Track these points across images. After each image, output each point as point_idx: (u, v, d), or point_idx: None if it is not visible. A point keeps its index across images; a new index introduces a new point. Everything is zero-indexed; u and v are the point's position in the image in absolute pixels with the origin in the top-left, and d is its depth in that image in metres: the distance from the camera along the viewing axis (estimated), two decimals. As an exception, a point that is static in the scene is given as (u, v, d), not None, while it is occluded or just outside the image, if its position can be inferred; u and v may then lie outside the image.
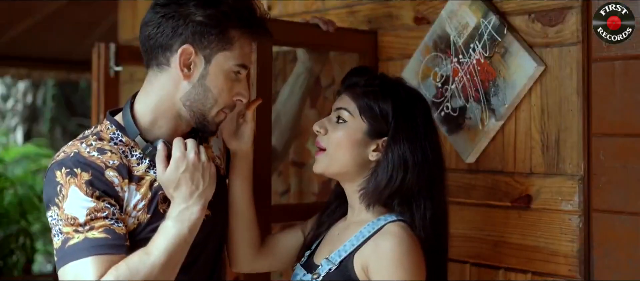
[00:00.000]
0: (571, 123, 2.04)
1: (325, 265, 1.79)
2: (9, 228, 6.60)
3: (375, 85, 1.84)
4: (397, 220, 1.77)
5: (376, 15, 2.55)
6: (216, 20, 1.70)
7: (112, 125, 1.78)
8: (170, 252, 1.65)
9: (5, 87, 10.76)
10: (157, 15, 1.72)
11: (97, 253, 1.61)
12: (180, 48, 1.70)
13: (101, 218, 1.64)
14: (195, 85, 1.74)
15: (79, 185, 1.65)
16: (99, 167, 1.68)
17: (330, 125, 1.85)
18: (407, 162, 1.77)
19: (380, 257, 1.71)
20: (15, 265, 6.48)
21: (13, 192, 6.93)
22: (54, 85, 10.42)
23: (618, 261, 1.97)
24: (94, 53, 2.85)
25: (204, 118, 1.77)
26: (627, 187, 1.95)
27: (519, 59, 2.10)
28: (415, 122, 1.81)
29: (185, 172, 1.71)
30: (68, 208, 1.64)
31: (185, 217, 1.70)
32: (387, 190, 1.78)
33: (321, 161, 1.86)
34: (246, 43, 1.76)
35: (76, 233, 1.62)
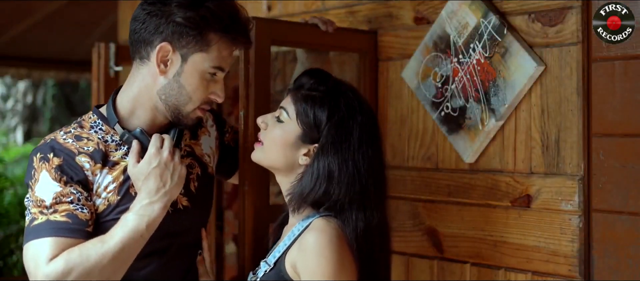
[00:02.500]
0: (571, 123, 2.04)
1: (263, 266, 1.84)
2: (9, 228, 6.60)
3: (319, 91, 1.85)
4: (321, 215, 1.79)
5: (376, 15, 2.55)
6: (195, 22, 1.80)
7: (94, 115, 1.91)
8: (123, 243, 1.75)
9: (5, 87, 10.77)
10: (143, 12, 1.84)
11: (56, 235, 1.74)
12: (159, 45, 1.81)
13: (66, 203, 1.77)
14: (170, 81, 1.85)
15: (49, 170, 1.79)
16: (71, 153, 1.82)
17: (271, 121, 1.90)
18: (332, 173, 1.79)
19: (304, 252, 1.73)
20: (15, 265, 6.48)
21: (13, 192, 6.93)
22: (54, 85, 10.43)
23: (618, 261, 1.97)
24: (94, 53, 2.85)
25: (179, 113, 1.88)
26: (627, 187, 1.95)
27: (519, 59, 2.10)
28: (350, 135, 1.81)
29: (156, 168, 1.81)
30: (38, 191, 1.78)
31: (145, 212, 1.79)
32: (310, 198, 1.80)
33: (257, 152, 1.92)
34: (224, 47, 1.85)
35: (41, 214, 1.76)
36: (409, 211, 2.47)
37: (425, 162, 2.41)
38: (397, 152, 2.50)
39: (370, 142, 1.84)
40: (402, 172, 2.48)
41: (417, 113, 2.44)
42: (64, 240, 1.74)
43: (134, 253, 1.78)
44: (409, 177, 2.46)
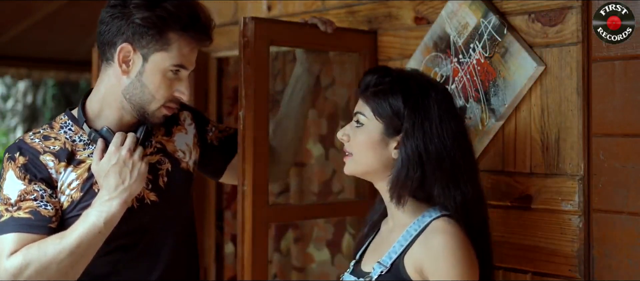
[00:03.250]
0: (571, 123, 2.04)
1: (377, 268, 1.80)
2: (9, 228, 6.60)
3: (386, 82, 1.85)
4: (441, 216, 1.79)
5: (376, 15, 2.55)
6: (152, 22, 1.85)
7: (65, 116, 1.98)
8: (81, 239, 1.80)
9: (5, 87, 10.76)
10: (106, 15, 1.91)
11: (18, 230, 1.81)
12: (120, 46, 1.87)
13: (30, 200, 1.83)
14: (133, 81, 1.90)
15: (14, 169, 1.86)
16: (36, 152, 1.88)
17: (351, 130, 1.88)
18: (420, 155, 1.78)
19: (434, 256, 1.72)
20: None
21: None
22: (54, 85, 10.42)
23: (618, 261, 1.97)
24: (94, 53, 2.86)
25: (144, 111, 1.93)
26: (627, 187, 1.95)
27: (519, 59, 2.10)
28: (428, 113, 1.81)
29: (115, 165, 1.86)
30: (5, 189, 1.86)
31: (104, 208, 1.84)
32: (409, 185, 1.79)
33: (349, 164, 1.89)
34: (184, 45, 1.89)
35: (6, 211, 1.83)
36: (409, 212, 2.46)
37: (425, 162, 2.40)
38: (397, 152, 2.50)
39: (450, 115, 1.84)
40: (402, 172, 2.48)
41: (417, 113, 2.43)
42: (26, 235, 1.80)
43: (92, 249, 1.83)
44: (409, 177, 2.45)
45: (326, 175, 3.05)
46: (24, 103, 10.95)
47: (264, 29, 2.19)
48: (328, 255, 3.06)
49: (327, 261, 3.07)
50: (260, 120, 2.19)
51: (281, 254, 3.23)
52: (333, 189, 3.02)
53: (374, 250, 1.91)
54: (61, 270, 1.78)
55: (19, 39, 5.81)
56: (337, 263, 3.02)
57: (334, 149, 2.98)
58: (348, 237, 2.97)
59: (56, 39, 6.01)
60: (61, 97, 10.78)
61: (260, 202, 2.21)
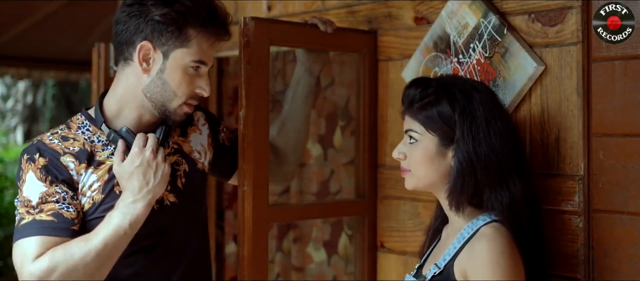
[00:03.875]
0: (571, 123, 2.04)
1: (433, 269, 1.83)
2: (9, 228, 6.60)
3: (430, 93, 1.87)
4: (490, 221, 1.80)
5: (376, 15, 2.55)
6: (172, 19, 1.84)
7: (82, 116, 1.95)
8: (107, 241, 1.78)
9: (5, 87, 10.76)
10: (123, 14, 1.89)
11: (41, 233, 1.78)
12: (140, 44, 1.85)
13: (51, 202, 1.81)
14: (154, 79, 1.88)
15: (35, 170, 1.83)
16: (56, 153, 1.85)
17: (406, 148, 1.90)
18: (472, 160, 1.80)
19: (476, 260, 1.74)
20: (16, 265, 6.48)
21: (13, 192, 6.93)
22: (54, 85, 10.43)
23: (618, 261, 1.97)
24: (94, 53, 2.85)
25: (166, 109, 1.91)
26: (627, 187, 1.95)
27: (519, 59, 2.10)
28: (475, 116, 1.83)
29: (139, 167, 1.84)
30: (25, 191, 1.83)
31: (128, 210, 1.82)
32: (466, 191, 1.81)
33: (409, 180, 1.92)
34: (204, 41, 1.89)
35: (28, 214, 1.81)
36: (409, 211, 2.47)
37: (425, 162, 2.40)
38: (397, 152, 2.50)
39: (496, 115, 1.86)
40: (402, 172, 2.48)
41: (417, 113, 2.44)
42: (50, 238, 1.78)
43: (117, 251, 1.81)
44: (409, 177, 2.46)
45: (324, 176, 3.05)
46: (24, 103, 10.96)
47: (264, 29, 2.19)
48: (325, 256, 3.06)
49: (324, 261, 3.07)
50: (260, 120, 2.19)
51: (283, 254, 3.23)
52: (331, 189, 3.03)
53: (434, 254, 1.94)
54: (88, 272, 1.76)
55: (19, 39, 5.82)
56: (333, 264, 3.02)
57: (332, 149, 2.98)
58: (345, 238, 2.97)
59: (56, 39, 6.01)
60: (61, 97, 10.78)
61: (261, 202, 2.21)
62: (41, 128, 10.77)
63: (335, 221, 3.00)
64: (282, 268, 3.22)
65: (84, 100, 10.25)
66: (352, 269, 2.88)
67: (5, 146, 9.39)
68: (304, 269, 3.14)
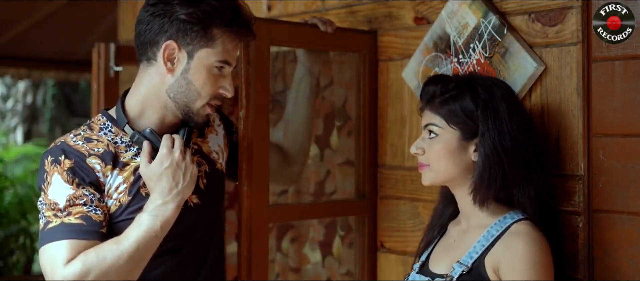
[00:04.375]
0: (571, 123, 2.04)
1: (458, 268, 1.81)
2: (9, 228, 6.61)
3: (452, 88, 1.88)
4: (522, 219, 1.81)
5: (376, 15, 2.55)
6: (197, 18, 1.82)
7: (103, 117, 1.92)
8: (139, 244, 1.76)
9: (5, 87, 10.76)
10: (146, 14, 1.85)
11: (71, 237, 1.75)
12: (165, 43, 1.83)
13: (79, 205, 1.78)
14: (178, 79, 1.86)
15: (61, 173, 1.79)
16: (82, 155, 1.82)
17: (425, 143, 1.90)
18: (498, 153, 1.81)
19: (513, 257, 1.74)
20: (15, 265, 6.48)
21: (13, 192, 6.93)
22: (54, 85, 10.43)
23: (618, 261, 1.97)
24: (94, 53, 2.85)
25: (189, 110, 1.89)
26: (627, 187, 1.95)
27: (519, 59, 2.10)
28: (498, 110, 1.84)
29: (168, 169, 1.82)
30: (51, 194, 1.79)
31: (159, 212, 1.80)
32: (493, 185, 1.82)
33: (427, 175, 1.91)
34: (228, 41, 1.87)
35: (55, 217, 1.77)
36: (409, 211, 2.47)
37: (425, 162, 2.40)
38: (397, 152, 2.50)
39: (516, 109, 1.89)
40: (402, 172, 2.48)
41: (417, 113, 2.43)
42: (79, 242, 1.74)
43: (149, 253, 1.80)
44: (409, 177, 2.46)
45: (320, 176, 3.05)
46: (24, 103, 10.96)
47: (264, 29, 2.19)
48: (320, 257, 3.06)
49: (319, 262, 3.07)
50: (260, 120, 2.19)
51: (283, 254, 3.23)
52: (326, 190, 3.02)
53: (443, 251, 1.93)
54: (120, 275, 1.75)
55: (19, 39, 5.82)
56: (327, 265, 3.02)
57: (329, 150, 2.98)
58: (338, 239, 2.97)
59: (56, 39, 6.01)
60: (61, 97, 10.78)
61: (261, 202, 2.21)
62: (41, 128, 10.77)
63: (329, 222, 3.00)
64: (281, 268, 3.22)
65: (84, 100, 10.25)
66: (345, 270, 2.88)
67: (5, 146, 9.39)
68: (300, 270, 3.13)
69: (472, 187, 1.84)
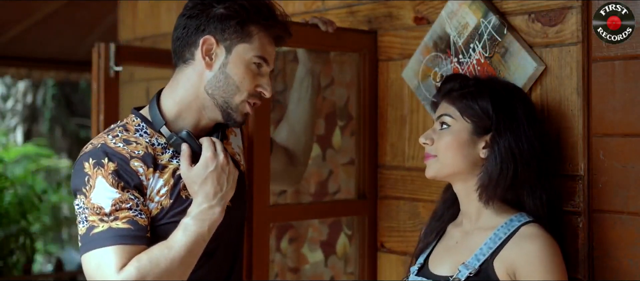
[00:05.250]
0: (571, 123, 2.04)
1: (464, 270, 1.81)
2: (9, 228, 6.60)
3: (471, 85, 1.90)
4: (529, 221, 1.82)
5: (376, 15, 2.55)
6: (234, 11, 1.82)
7: (137, 118, 1.89)
8: (189, 249, 1.75)
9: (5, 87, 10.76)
10: (183, 18, 1.86)
11: (120, 242, 1.71)
12: (202, 38, 1.83)
13: (125, 209, 1.74)
14: (216, 73, 1.85)
15: (105, 176, 1.75)
16: (125, 157, 1.78)
17: (435, 134, 1.90)
18: (513, 152, 1.82)
19: (531, 261, 1.75)
20: (15, 265, 6.48)
21: (13, 192, 6.93)
22: (54, 85, 10.42)
23: (618, 261, 1.97)
24: (94, 53, 2.85)
25: (228, 107, 1.87)
26: (627, 187, 1.95)
27: (519, 59, 2.10)
28: (516, 114, 1.86)
29: (214, 172, 1.80)
30: (95, 198, 1.74)
31: (206, 216, 1.79)
32: (502, 183, 1.82)
33: (432, 165, 1.91)
34: (265, 39, 1.87)
35: (101, 222, 1.72)
36: (409, 211, 2.47)
37: (425, 162, 2.40)
38: (397, 152, 2.50)
39: (535, 117, 1.90)
40: (402, 172, 2.48)
41: (417, 113, 2.44)
42: (129, 247, 1.71)
43: (197, 257, 1.78)
44: (409, 177, 2.46)
45: (322, 176, 3.05)
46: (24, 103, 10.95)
47: (264, 29, 2.19)
48: (322, 256, 3.06)
49: (321, 262, 3.06)
50: (260, 120, 2.19)
51: (282, 254, 3.23)
52: (329, 190, 3.02)
53: (444, 253, 1.93)
54: (174, 278, 1.74)
55: (19, 39, 5.81)
56: (330, 265, 3.02)
57: (331, 150, 2.98)
58: (344, 238, 2.97)
59: (56, 39, 6.01)
60: (61, 97, 10.78)
61: (261, 202, 2.21)
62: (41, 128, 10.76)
63: (332, 221, 3.00)
64: (281, 268, 3.22)
65: (84, 100, 10.24)
66: (350, 269, 2.87)
67: (5, 146, 9.38)
68: (299, 270, 3.13)
69: (480, 183, 1.85)
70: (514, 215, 1.85)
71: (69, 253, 8.53)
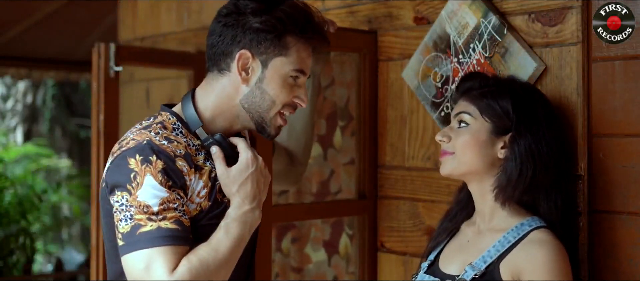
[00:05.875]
0: (571, 123, 2.04)
1: (470, 270, 1.81)
2: (9, 228, 6.60)
3: (491, 84, 1.89)
4: (541, 226, 1.81)
5: (376, 15, 2.55)
6: (271, 26, 1.78)
7: (173, 116, 1.85)
8: (232, 251, 1.73)
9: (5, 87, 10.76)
10: (219, 25, 1.82)
11: (169, 243, 1.67)
12: (238, 53, 1.79)
13: (172, 209, 1.70)
14: (253, 88, 1.82)
15: (154, 174, 1.70)
16: (170, 156, 1.74)
17: (452, 132, 1.89)
18: (533, 154, 1.81)
19: (537, 267, 1.74)
20: (15, 265, 6.48)
21: (13, 192, 6.93)
22: (54, 85, 10.42)
23: (618, 261, 1.97)
24: (94, 53, 2.85)
25: (263, 121, 1.85)
26: (627, 187, 1.95)
27: (519, 59, 2.10)
28: (536, 115, 1.85)
29: (254, 173, 1.79)
30: (142, 196, 1.69)
31: (248, 219, 1.77)
32: (521, 185, 1.81)
33: (448, 163, 1.89)
34: (302, 49, 1.83)
35: (149, 221, 1.68)
36: (409, 211, 2.47)
37: (425, 162, 2.41)
38: (397, 152, 2.50)
39: (554, 119, 1.89)
40: (402, 172, 2.48)
41: (417, 113, 2.44)
42: (177, 248, 1.68)
43: (237, 260, 1.77)
44: (409, 177, 2.46)
45: (324, 176, 3.05)
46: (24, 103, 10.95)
47: (264, 29, 2.19)
48: (325, 256, 3.06)
49: (324, 261, 3.07)
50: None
51: (282, 254, 3.23)
52: (331, 190, 3.03)
53: (455, 251, 1.92)
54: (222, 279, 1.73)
55: (19, 39, 5.81)
56: (334, 264, 3.03)
57: (332, 150, 2.98)
58: (345, 238, 2.97)
59: (56, 39, 6.01)
60: (61, 97, 10.78)
61: (264, 202, 2.21)
62: (41, 128, 10.76)
63: (335, 221, 3.00)
64: (282, 268, 3.22)
65: (84, 100, 10.24)
66: (352, 269, 2.87)
67: (5, 146, 9.38)
68: (302, 270, 3.13)
69: (497, 183, 1.84)
70: (526, 219, 1.83)
71: (69, 253, 8.53)
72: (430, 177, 2.38)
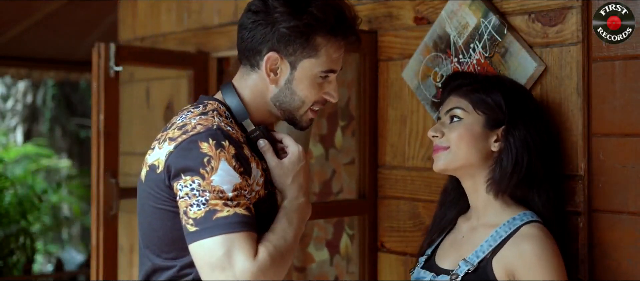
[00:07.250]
0: (571, 124, 2.04)
1: (464, 266, 1.82)
2: (9, 228, 6.60)
3: (480, 81, 1.91)
4: (532, 221, 1.82)
5: (376, 15, 2.55)
6: (300, 30, 1.77)
7: (222, 106, 1.84)
8: (296, 240, 1.76)
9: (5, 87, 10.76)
10: (249, 21, 1.81)
11: (247, 229, 1.65)
12: (267, 55, 1.78)
13: (243, 196, 1.69)
14: (282, 89, 1.83)
15: (229, 159, 1.68)
16: (239, 142, 1.74)
17: (445, 127, 1.89)
18: (529, 145, 1.83)
19: (529, 263, 1.75)
20: (15, 265, 6.48)
21: (13, 192, 6.93)
22: (54, 85, 10.42)
23: (618, 261, 1.97)
24: (94, 53, 2.85)
25: (293, 117, 1.86)
26: (627, 187, 1.95)
27: (519, 59, 2.10)
28: (526, 107, 1.88)
29: (305, 166, 1.81)
30: (217, 180, 1.66)
31: (305, 210, 1.80)
32: (515, 176, 1.83)
33: (442, 157, 1.89)
34: (333, 50, 1.82)
35: (225, 206, 1.65)
36: (409, 211, 2.47)
37: (425, 162, 2.41)
38: (397, 152, 2.50)
39: (543, 114, 1.93)
40: (402, 172, 2.48)
41: (417, 113, 2.44)
42: (253, 234, 1.66)
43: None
44: (409, 177, 2.46)
45: (326, 176, 3.05)
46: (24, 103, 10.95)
47: (264, 29, 2.18)
48: (327, 255, 3.06)
49: (326, 261, 3.07)
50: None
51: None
52: (333, 189, 3.03)
53: (451, 246, 1.93)
54: (286, 269, 1.72)
55: (19, 39, 5.81)
56: (336, 264, 3.03)
57: (334, 149, 2.98)
58: (346, 238, 2.97)
59: (56, 39, 6.01)
60: (61, 97, 10.78)
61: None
62: (41, 128, 10.76)
63: (337, 221, 3.01)
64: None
65: (84, 100, 10.24)
66: (352, 269, 2.88)
67: (5, 146, 9.38)
68: (305, 269, 3.13)
69: (491, 175, 1.85)
70: (517, 213, 1.85)
71: (69, 253, 8.53)
72: (430, 177, 2.38)
